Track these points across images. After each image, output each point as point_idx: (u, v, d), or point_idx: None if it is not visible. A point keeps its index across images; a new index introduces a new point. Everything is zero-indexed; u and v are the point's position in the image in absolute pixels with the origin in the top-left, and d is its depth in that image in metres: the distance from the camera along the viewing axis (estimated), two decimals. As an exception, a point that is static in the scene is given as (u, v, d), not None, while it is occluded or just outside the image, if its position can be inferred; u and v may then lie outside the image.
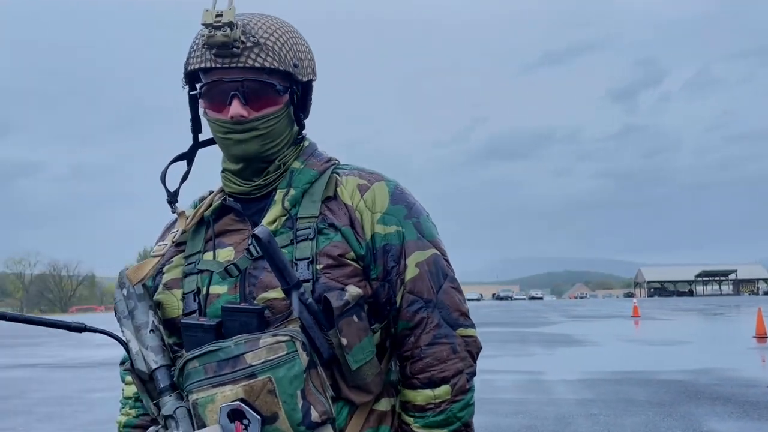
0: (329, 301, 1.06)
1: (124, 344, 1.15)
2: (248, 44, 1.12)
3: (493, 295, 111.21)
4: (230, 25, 1.08)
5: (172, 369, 1.11)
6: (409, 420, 1.16)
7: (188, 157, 1.29)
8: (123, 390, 1.35)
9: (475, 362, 1.19)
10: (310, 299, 1.06)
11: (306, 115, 1.29)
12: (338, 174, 1.24)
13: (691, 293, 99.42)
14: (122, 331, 1.17)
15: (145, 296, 1.18)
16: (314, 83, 1.26)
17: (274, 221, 1.16)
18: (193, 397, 1.05)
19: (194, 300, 1.17)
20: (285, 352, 1.03)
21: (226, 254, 1.19)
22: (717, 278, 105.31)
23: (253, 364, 1.02)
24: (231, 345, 1.04)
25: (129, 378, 1.33)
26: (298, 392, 1.02)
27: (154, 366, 1.10)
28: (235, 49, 1.11)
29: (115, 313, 1.19)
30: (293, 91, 1.20)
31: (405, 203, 1.22)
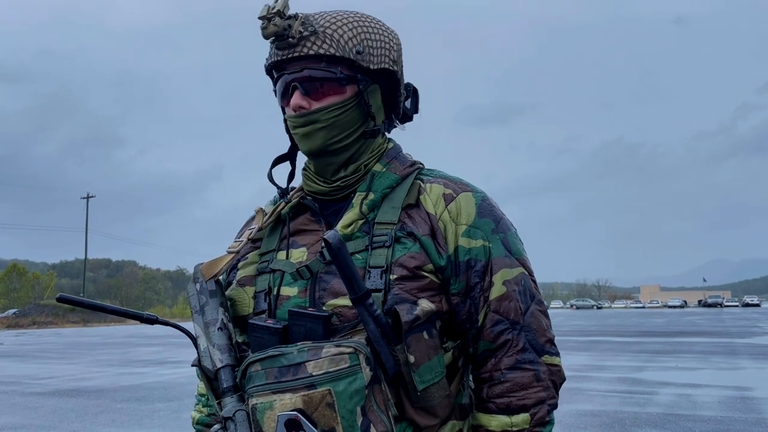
0: (399, 314, 1.02)
1: (194, 340, 1.15)
2: (305, 33, 1.11)
3: (699, 301, 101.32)
4: (280, 14, 1.08)
5: (237, 369, 1.09)
6: None
7: (289, 157, 1.28)
8: (198, 386, 1.33)
9: (557, 394, 1.11)
10: (379, 311, 1.01)
11: (397, 112, 1.23)
12: (422, 180, 1.19)
13: None
14: (194, 326, 1.16)
15: (217, 293, 1.17)
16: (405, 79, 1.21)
17: (350, 225, 1.12)
18: (252, 401, 1.02)
19: (265, 300, 1.15)
20: (347, 365, 0.98)
21: (298, 255, 1.16)
22: None
23: (314, 374, 0.98)
24: (294, 351, 1.01)
25: None
26: (359, 409, 0.98)
27: (219, 365, 1.09)
28: (291, 39, 1.10)
29: (190, 307, 1.18)
30: (363, 81, 1.15)
31: (493, 217, 1.15)
